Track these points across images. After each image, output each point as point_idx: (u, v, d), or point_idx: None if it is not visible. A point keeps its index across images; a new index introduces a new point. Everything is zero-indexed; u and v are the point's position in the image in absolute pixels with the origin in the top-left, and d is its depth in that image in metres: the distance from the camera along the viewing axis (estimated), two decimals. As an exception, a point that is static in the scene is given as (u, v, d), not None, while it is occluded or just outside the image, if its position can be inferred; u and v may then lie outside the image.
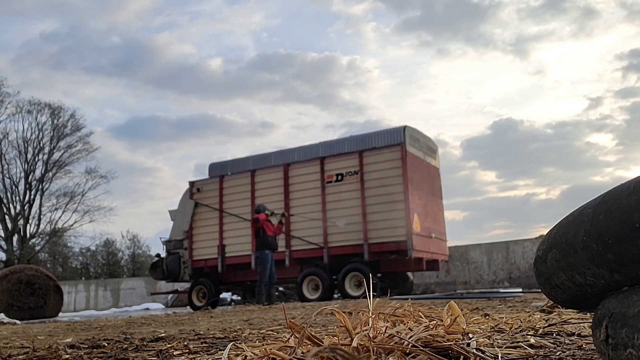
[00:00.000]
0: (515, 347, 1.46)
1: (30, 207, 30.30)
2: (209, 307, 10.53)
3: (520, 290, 10.61)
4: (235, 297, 15.74)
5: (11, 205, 29.99)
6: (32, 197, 30.31)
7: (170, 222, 14.33)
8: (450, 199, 55.80)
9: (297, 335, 1.26)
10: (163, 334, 3.06)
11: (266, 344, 1.36)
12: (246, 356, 1.37)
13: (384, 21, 48.57)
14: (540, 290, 1.24)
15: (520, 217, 41.32)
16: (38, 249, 31.26)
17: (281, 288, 14.72)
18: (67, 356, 2.17)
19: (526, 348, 1.44)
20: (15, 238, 29.56)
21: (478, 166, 45.70)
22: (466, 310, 2.52)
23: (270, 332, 2.67)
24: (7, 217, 29.51)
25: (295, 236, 12.15)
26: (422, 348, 1.21)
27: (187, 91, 47.62)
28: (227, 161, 14.01)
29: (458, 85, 46.85)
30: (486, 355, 1.28)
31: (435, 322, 1.56)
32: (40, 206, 30.45)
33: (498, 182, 45.57)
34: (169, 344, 2.38)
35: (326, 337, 1.35)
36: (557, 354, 1.38)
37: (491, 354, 1.30)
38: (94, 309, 22.27)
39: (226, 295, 15.56)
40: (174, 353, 2.05)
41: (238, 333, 2.90)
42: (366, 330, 1.30)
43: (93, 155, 31.51)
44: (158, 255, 14.16)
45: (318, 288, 11.68)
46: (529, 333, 1.75)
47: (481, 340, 1.45)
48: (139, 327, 4.45)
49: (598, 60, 42.31)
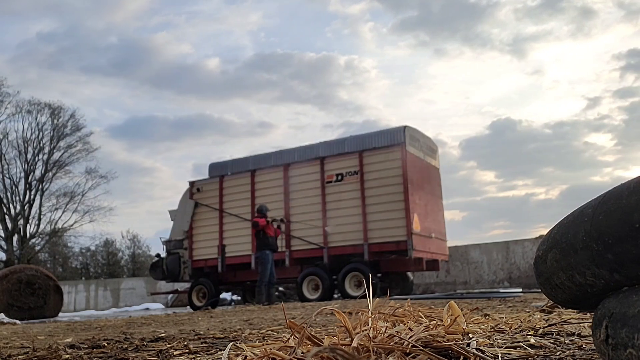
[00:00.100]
0: (515, 347, 1.46)
1: (30, 207, 30.33)
2: (209, 307, 10.53)
3: (520, 290, 10.60)
4: (235, 297, 15.75)
5: (11, 205, 30.02)
6: (32, 197, 30.35)
7: (170, 222, 14.34)
8: (449, 199, 55.86)
9: (297, 335, 1.26)
10: (163, 334, 3.06)
11: (266, 344, 1.36)
12: (246, 356, 1.37)
13: (381, 21, 48.59)
14: (540, 290, 1.24)
15: (519, 217, 41.35)
16: (38, 249, 31.26)
17: (281, 288, 14.73)
18: (67, 356, 2.17)
19: (526, 348, 1.44)
20: (15, 238, 29.57)
21: (477, 166, 45.75)
22: (466, 310, 2.52)
23: (270, 332, 2.67)
24: (7, 217, 29.52)
25: (295, 236, 12.15)
26: (422, 348, 1.21)
27: (185, 91, 47.67)
28: (227, 161, 14.01)
29: (456, 85, 46.91)
30: (486, 355, 1.28)
31: (435, 322, 1.56)
32: (40, 206, 30.50)
33: (497, 182, 45.61)
34: (169, 344, 2.38)
35: (326, 337, 1.35)
36: (557, 354, 1.38)
37: (491, 354, 1.30)
38: (94, 309, 22.27)
39: (226, 295, 15.57)
40: (174, 353, 2.05)
41: (238, 333, 2.90)
42: (366, 330, 1.30)
43: (93, 155, 31.58)
44: (158, 255, 14.16)
45: (318, 288, 11.68)
46: (529, 333, 1.75)
47: (481, 340, 1.45)
48: (139, 327, 4.45)
49: (596, 60, 42.37)
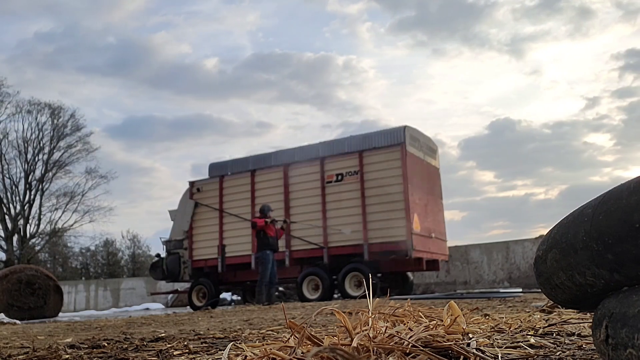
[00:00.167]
0: (515, 347, 1.46)
1: (30, 207, 30.34)
2: (209, 307, 10.53)
3: (520, 290, 10.60)
4: (235, 297, 15.75)
5: (11, 205, 30.03)
6: (32, 197, 30.35)
7: (169, 222, 14.34)
8: (448, 199, 55.79)
9: (297, 335, 1.26)
10: (163, 334, 3.06)
11: (266, 344, 1.36)
12: (246, 356, 1.37)
13: (379, 21, 48.61)
14: (540, 290, 1.24)
15: (519, 217, 41.35)
16: (38, 249, 31.27)
17: (281, 288, 14.72)
18: (67, 356, 2.17)
19: (526, 348, 1.44)
20: (15, 238, 29.57)
21: (476, 166, 45.75)
22: (466, 310, 2.52)
23: (270, 332, 2.67)
24: (7, 217, 29.52)
25: (295, 236, 12.15)
26: (422, 348, 1.21)
27: (183, 91, 47.66)
28: (227, 161, 14.01)
29: (455, 85, 46.91)
30: (486, 355, 1.28)
31: (435, 322, 1.56)
32: (40, 206, 30.51)
33: (496, 182, 45.62)
34: (169, 344, 2.38)
35: (326, 337, 1.35)
36: (557, 354, 1.38)
37: (491, 354, 1.30)
38: (94, 309, 22.27)
39: (226, 295, 15.57)
40: (174, 353, 2.05)
41: (238, 333, 2.90)
42: (366, 330, 1.30)
43: (93, 155, 31.59)
44: (158, 255, 14.16)
45: (318, 288, 11.68)
46: (529, 333, 1.75)
47: (481, 340, 1.45)
48: (139, 327, 4.45)
49: (594, 60, 42.38)
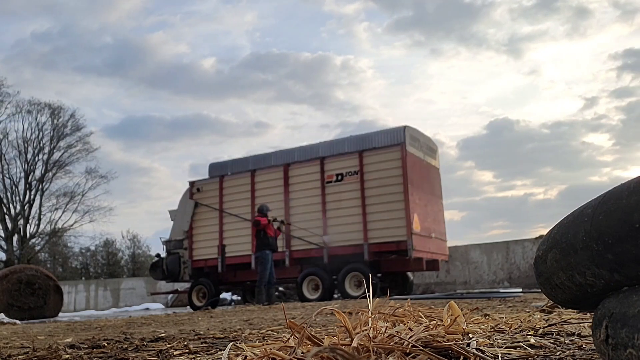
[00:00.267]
0: (515, 347, 1.46)
1: (30, 207, 30.33)
2: (209, 307, 10.53)
3: (520, 290, 10.60)
4: (235, 297, 15.75)
5: (11, 205, 30.02)
6: (32, 197, 30.35)
7: (169, 222, 14.34)
8: (447, 199, 55.64)
9: (297, 335, 1.26)
10: (163, 334, 3.06)
11: (266, 344, 1.36)
12: (246, 356, 1.37)
13: (376, 21, 48.61)
14: (540, 290, 1.24)
15: (518, 217, 41.34)
16: (38, 249, 31.27)
17: (281, 288, 14.73)
18: (67, 356, 2.17)
19: (526, 348, 1.44)
20: (15, 238, 29.57)
21: (475, 166, 45.74)
22: (466, 310, 2.52)
23: (270, 332, 2.67)
24: (7, 217, 29.52)
25: (295, 236, 12.15)
26: (422, 348, 1.21)
27: (181, 91, 47.64)
28: (227, 161, 14.02)
29: (453, 85, 46.90)
30: (486, 355, 1.28)
31: (435, 322, 1.56)
32: (40, 206, 30.50)
33: (495, 182, 45.61)
34: (169, 344, 2.38)
35: (326, 337, 1.35)
36: (557, 354, 1.38)
37: (491, 354, 1.30)
38: (94, 309, 22.26)
39: (226, 295, 15.56)
40: (174, 353, 2.05)
41: (238, 333, 2.90)
42: (366, 330, 1.30)
43: (93, 155, 31.59)
44: (158, 255, 14.16)
45: (318, 288, 11.68)
46: (529, 333, 1.75)
47: (481, 340, 1.45)
48: (139, 327, 4.45)
49: (592, 60, 42.37)
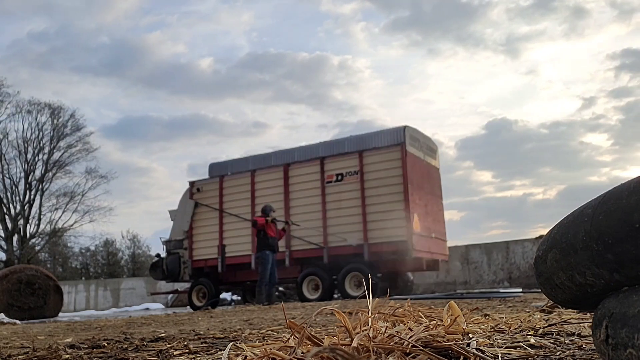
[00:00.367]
0: (515, 347, 1.46)
1: (30, 207, 30.34)
2: (209, 307, 10.53)
3: (520, 290, 10.60)
4: (235, 297, 15.75)
5: (11, 205, 30.03)
6: (32, 197, 30.36)
7: (168, 222, 14.34)
8: (446, 199, 55.54)
9: (297, 335, 1.26)
10: (163, 334, 3.06)
11: (266, 344, 1.36)
12: (246, 356, 1.37)
13: (373, 21, 48.58)
14: (540, 290, 1.24)
15: (517, 217, 41.35)
16: (38, 249, 31.27)
17: (281, 288, 14.72)
18: (67, 356, 2.17)
19: (526, 348, 1.44)
20: (15, 238, 29.57)
21: (473, 166, 45.76)
22: (466, 310, 2.52)
23: (270, 332, 2.67)
24: (7, 217, 29.53)
25: (295, 236, 12.15)
26: (422, 348, 1.21)
27: (178, 91, 47.65)
28: (227, 161, 14.02)
29: (451, 85, 46.94)
30: (486, 355, 1.28)
31: (435, 322, 1.56)
32: (40, 206, 30.52)
33: (494, 182, 45.63)
34: (169, 344, 2.38)
35: (326, 337, 1.35)
36: (557, 354, 1.38)
37: (491, 354, 1.30)
38: (94, 309, 22.27)
39: (226, 295, 15.56)
40: (174, 353, 2.05)
41: (238, 333, 2.90)
42: (366, 330, 1.30)
43: (93, 155, 31.60)
44: (158, 255, 14.16)
45: (318, 288, 11.68)
46: (529, 333, 1.75)
47: (481, 340, 1.45)
48: (139, 327, 4.45)
49: (590, 60, 42.41)
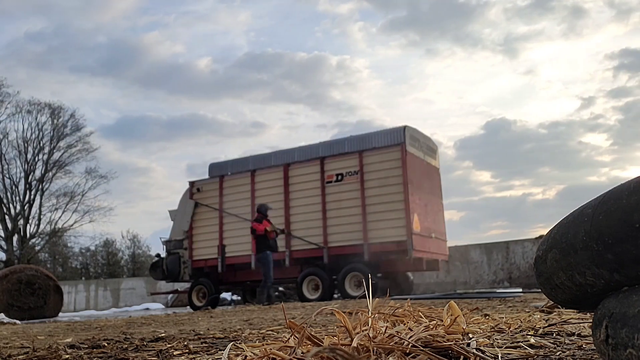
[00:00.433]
0: (515, 347, 1.46)
1: (30, 207, 30.33)
2: (209, 307, 10.53)
3: (520, 290, 10.60)
4: (235, 297, 15.76)
5: (11, 205, 30.02)
6: (32, 197, 30.34)
7: (167, 222, 14.35)
8: (446, 199, 55.48)
9: (297, 335, 1.26)
10: (163, 334, 3.06)
11: (266, 344, 1.36)
12: (246, 356, 1.37)
13: (371, 21, 48.52)
14: (540, 290, 1.24)
15: (517, 217, 41.33)
16: (38, 249, 31.27)
17: (281, 288, 14.72)
18: (67, 356, 2.17)
19: (526, 348, 1.44)
20: (15, 238, 29.57)
21: (472, 166, 45.76)
22: (466, 310, 2.52)
23: (270, 332, 2.67)
24: (7, 217, 29.52)
25: (295, 236, 12.15)
26: (422, 348, 1.21)
27: (176, 91, 47.56)
28: (227, 161, 14.02)
29: (449, 85, 46.91)
30: (486, 355, 1.28)
31: (435, 322, 1.56)
32: (40, 206, 30.50)
33: (494, 182, 45.63)
34: (169, 344, 2.38)
35: (326, 337, 1.35)
36: (557, 354, 1.38)
37: (491, 354, 1.30)
38: (94, 309, 22.26)
39: (226, 295, 15.57)
40: (174, 353, 2.05)
41: (238, 333, 2.90)
42: (366, 330, 1.30)
43: (93, 155, 31.60)
44: (158, 255, 14.17)
45: (318, 288, 11.67)
46: (529, 333, 1.75)
47: (481, 340, 1.45)
48: (139, 327, 4.45)
49: (589, 60, 42.39)
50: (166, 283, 15.60)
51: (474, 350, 1.27)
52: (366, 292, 1.47)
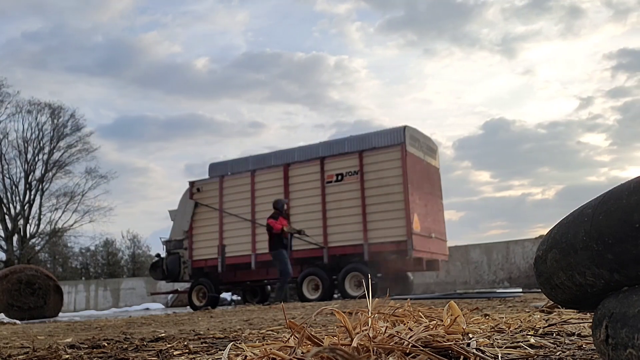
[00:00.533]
0: (515, 347, 1.46)
1: (30, 207, 30.35)
2: (209, 307, 10.53)
3: (520, 290, 10.60)
4: (235, 297, 15.76)
5: (11, 205, 30.04)
6: (32, 197, 30.37)
7: (166, 222, 14.36)
8: (445, 199, 55.55)
9: (297, 335, 1.26)
10: (163, 334, 3.06)
11: (266, 344, 1.36)
12: (246, 356, 1.37)
13: (368, 21, 48.60)
14: (540, 290, 1.24)
15: (516, 217, 41.37)
16: (38, 249, 31.27)
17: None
18: (67, 356, 2.17)
19: (526, 348, 1.44)
20: (15, 238, 29.58)
21: (471, 166, 45.79)
22: (466, 310, 2.52)
23: (270, 332, 2.67)
24: (7, 217, 29.53)
25: (295, 236, 12.14)
26: (422, 348, 1.21)
27: (174, 91, 47.56)
28: (227, 161, 14.03)
29: (447, 85, 46.95)
30: (486, 355, 1.28)
31: (435, 322, 1.56)
32: (40, 206, 30.53)
33: (493, 182, 45.67)
34: (169, 344, 2.38)
35: (326, 337, 1.35)
36: (557, 354, 1.38)
37: (491, 354, 1.30)
38: (94, 309, 22.27)
39: (226, 295, 15.57)
40: (174, 353, 2.05)
41: (238, 333, 2.90)
42: (366, 330, 1.30)
43: (93, 155, 31.61)
44: (158, 255, 14.17)
45: (318, 288, 11.67)
46: (529, 333, 1.75)
47: (481, 340, 1.45)
48: (139, 327, 4.45)
49: (587, 60, 42.43)
50: (166, 283, 15.60)
51: (474, 350, 1.27)
52: (366, 292, 1.47)
